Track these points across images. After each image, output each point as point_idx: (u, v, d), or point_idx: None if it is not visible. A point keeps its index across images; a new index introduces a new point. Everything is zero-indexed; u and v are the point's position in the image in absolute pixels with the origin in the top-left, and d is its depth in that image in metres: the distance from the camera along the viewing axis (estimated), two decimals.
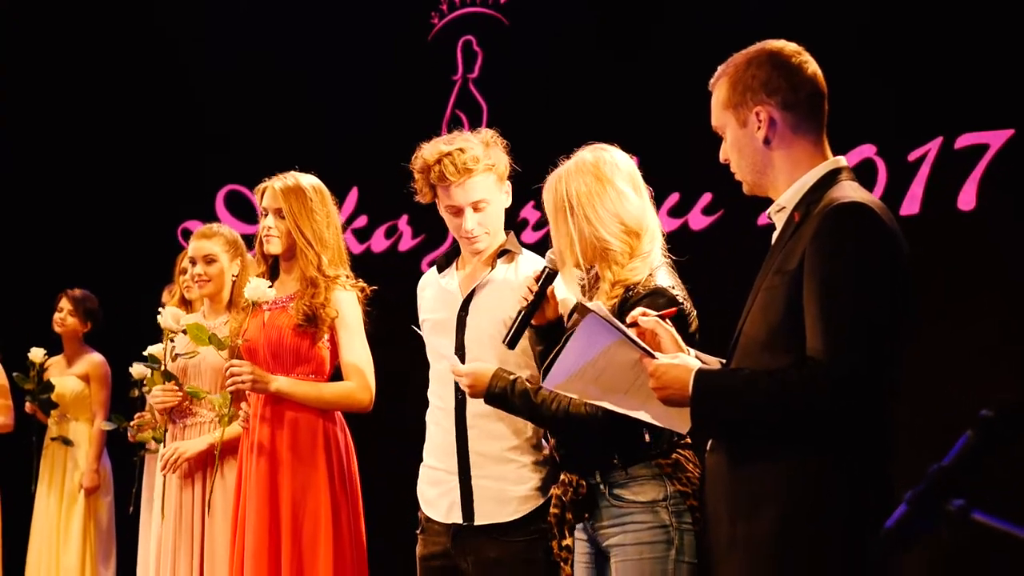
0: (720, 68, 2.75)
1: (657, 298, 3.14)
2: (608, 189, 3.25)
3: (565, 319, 3.46)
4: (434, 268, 3.95)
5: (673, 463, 3.20)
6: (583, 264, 3.25)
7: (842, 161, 2.69)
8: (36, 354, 6.89)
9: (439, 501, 3.75)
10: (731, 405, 2.57)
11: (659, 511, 3.18)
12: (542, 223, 6.79)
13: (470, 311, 3.74)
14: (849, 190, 2.59)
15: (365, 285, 4.37)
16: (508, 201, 3.79)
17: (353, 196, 7.22)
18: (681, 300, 3.20)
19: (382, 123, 7.18)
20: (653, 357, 2.64)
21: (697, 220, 6.38)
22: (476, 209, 3.69)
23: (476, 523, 3.65)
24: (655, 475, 3.19)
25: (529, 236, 6.55)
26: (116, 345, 6.93)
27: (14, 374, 6.87)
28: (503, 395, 3.34)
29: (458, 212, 3.71)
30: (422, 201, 3.83)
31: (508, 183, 3.78)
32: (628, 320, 2.77)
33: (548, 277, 3.36)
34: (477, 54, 7.14)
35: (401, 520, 5.73)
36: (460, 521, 3.68)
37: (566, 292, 3.44)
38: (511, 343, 3.38)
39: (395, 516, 5.24)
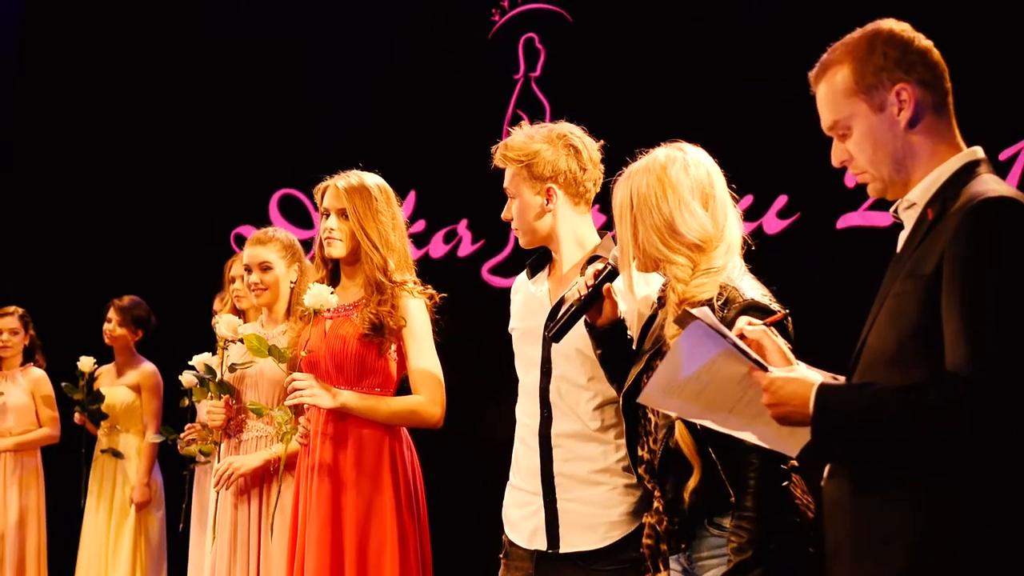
0: (825, 57, 2.48)
1: (754, 315, 2.86)
2: (669, 196, 3.00)
3: (630, 326, 3.25)
4: (525, 272, 3.72)
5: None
6: (645, 269, 3.05)
7: (979, 152, 2.40)
8: (85, 363, 6.74)
9: (522, 524, 3.51)
10: (858, 425, 2.28)
11: None
12: (606, 227, 6.59)
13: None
14: (992, 184, 2.30)
15: (434, 292, 4.13)
16: (539, 203, 3.53)
17: (411, 200, 7.03)
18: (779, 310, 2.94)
19: (441, 124, 7.02)
20: (766, 370, 2.38)
21: (772, 224, 6.14)
22: (509, 198, 3.59)
23: (561, 551, 3.42)
24: None
25: None
26: (168, 353, 6.79)
27: (63, 384, 6.72)
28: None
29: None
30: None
31: (551, 187, 3.51)
32: (734, 331, 2.49)
33: (608, 275, 3.13)
34: (540, 52, 6.96)
35: (467, 533, 5.56)
36: (544, 548, 3.44)
37: (626, 295, 3.22)
38: (556, 336, 3.19)
39: (459, 528, 5.06)
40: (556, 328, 3.17)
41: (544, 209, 3.53)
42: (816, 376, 2.35)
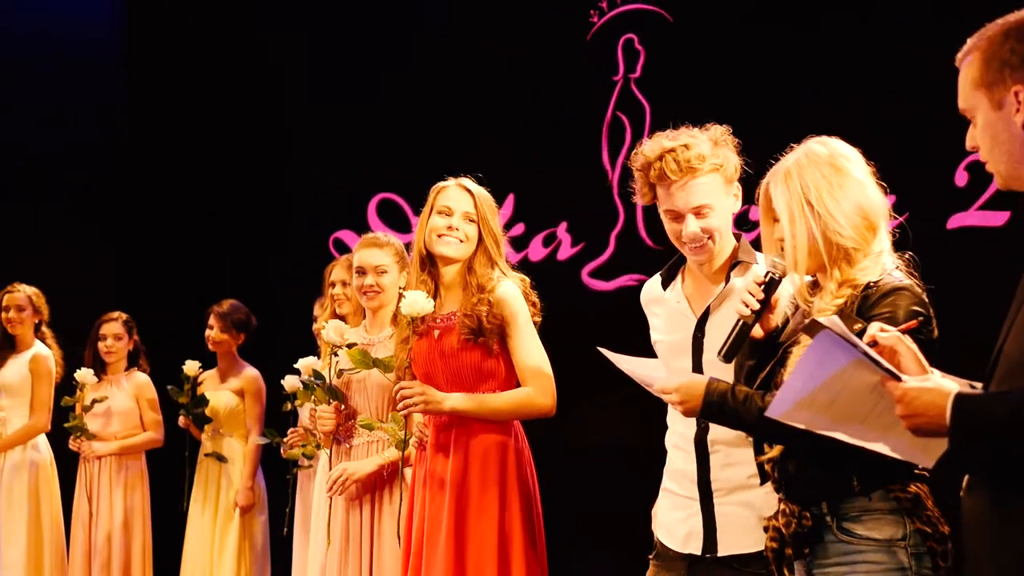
0: (970, 41, 2.39)
1: (900, 296, 2.78)
2: (848, 180, 2.89)
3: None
4: (657, 280, 3.64)
5: (912, 498, 2.80)
6: (825, 265, 2.90)
7: None
8: (191, 367, 6.81)
9: (677, 529, 3.49)
10: (997, 437, 2.18)
11: (896, 552, 2.77)
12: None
13: (707, 331, 3.44)
14: None
15: (524, 276, 4.10)
16: (737, 205, 3.47)
17: (510, 203, 7.00)
18: (924, 307, 2.82)
19: (539, 127, 6.98)
20: (899, 379, 2.29)
21: None
22: (698, 215, 3.37)
23: (719, 554, 3.39)
24: (892, 510, 2.79)
25: None
26: (268, 358, 6.83)
27: (168, 387, 6.78)
28: (721, 404, 2.94)
29: (678, 217, 3.39)
30: (641, 203, 3.50)
31: (738, 185, 3.46)
32: (866, 339, 2.41)
33: (772, 283, 3.02)
34: (639, 53, 6.88)
35: (568, 535, 5.50)
36: (698, 552, 3.42)
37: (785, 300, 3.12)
38: (727, 356, 3.05)
39: (561, 530, 5.02)
40: (727, 347, 3.05)
41: (732, 212, 3.47)
42: (952, 385, 2.26)
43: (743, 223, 5.68)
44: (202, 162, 8.16)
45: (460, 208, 4.02)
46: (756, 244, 3.31)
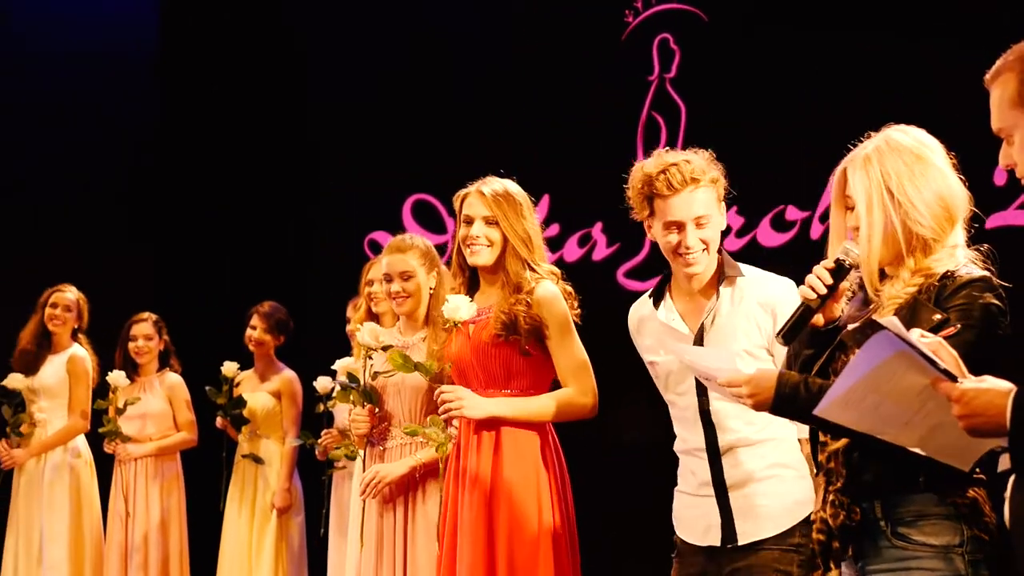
0: (999, 62, 2.41)
1: (976, 288, 2.71)
2: (930, 168, 2.84)
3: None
4: (647, 300, 3.70)
5: (970, 503, 2.74)
6: (901, 254, 2.82)
7: None
8: (229, 368, 6.81)
9: (695, 524, 3.60)
10: None
11: (954, 559, 2.71)
12: (745, 230, 6.47)
13: (706, 345, 3.52)
14: None
15: (555, 269, 4.13)
16: (724, 224, 3.60)
17: (545, 203, 6.99)
18: (1001, 301, 2.76)
19: (574, 127, 6.98)
20: (955, 380, 2.28)
21: None
22: (698, 225, 3.50)
23: (740, 543, 3.51)
24: (949, 515, 2.73)
25: (731, 243, 6.23)
26: (302, 359, 6.85)
27: (207, 388, 6.80)
28: (794, 396, 2.88)
29: (679, 227, 3.51)
30: (637, 219, 3.62)
31: (723, 205, 3.60)
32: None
33: (842, 270, 2.93)
34: (674, 52, 6.87)
35: (600, 534, 5.49)
36: (717, 543, 3.54)
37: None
38: (787, 338, 2.99)
39: (594, 530, 5.04)
40: (787, 329, 2.99)
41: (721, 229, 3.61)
42: (1008, 385, 2.25)
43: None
44: (236, 164, 8.19)
45: (479, 214, 4.05)
46: (793, 244, 3.28)
